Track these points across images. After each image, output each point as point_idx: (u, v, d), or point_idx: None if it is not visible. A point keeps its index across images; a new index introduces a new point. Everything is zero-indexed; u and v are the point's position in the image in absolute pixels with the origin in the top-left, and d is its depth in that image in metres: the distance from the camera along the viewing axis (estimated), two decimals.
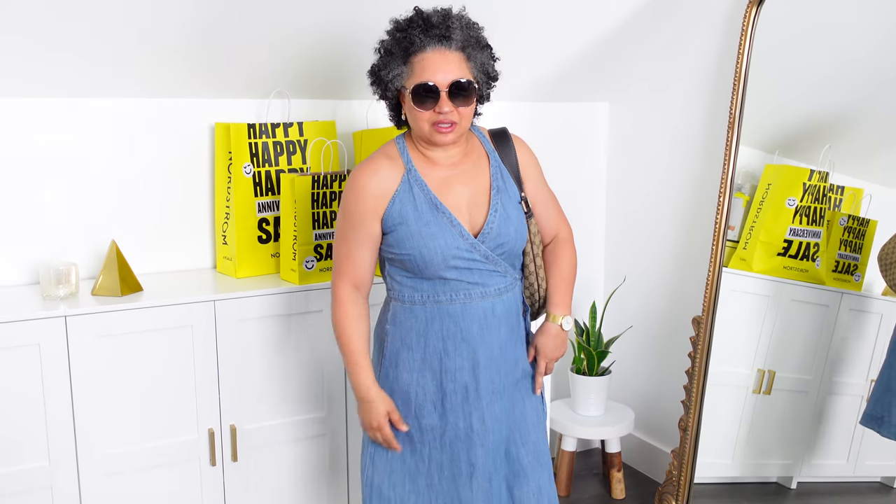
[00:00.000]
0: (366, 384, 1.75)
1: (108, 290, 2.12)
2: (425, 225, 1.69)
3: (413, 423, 1.77)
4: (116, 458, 2.08)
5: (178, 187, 2.42)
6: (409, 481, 1.78)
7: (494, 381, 1.77)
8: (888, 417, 2.36)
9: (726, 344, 2.69)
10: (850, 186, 2.56)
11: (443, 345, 1.74)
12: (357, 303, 1.78)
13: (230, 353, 2.18)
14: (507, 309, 1.78)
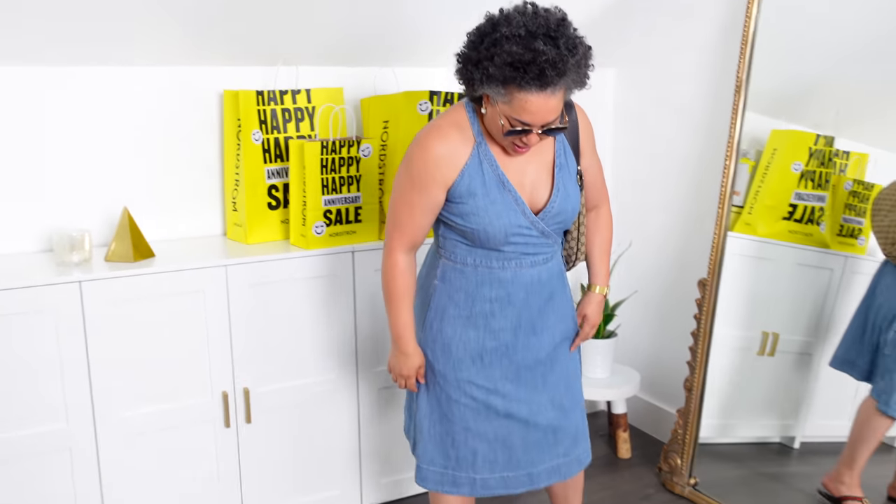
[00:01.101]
0: (406, 338, 1.83)
1: (121, 257, 2.15)
2: (492, 203, 1.71)
3: (451, 373, 1.85)
4: (133, 420, 2.12)
5: (188, 155, 2.44)
6: (447, 423, 1.88)
7: (531, 342, 1.86)
8: (860, 362, 2.42)
9: (731, 307, 2.72)
10: (855, 151, 2.57)
11: (490, 306, 1.81)
12: (410, 261, 1.83)
13: (242, 318, 2.21)
14: (550, 275, 1.86)
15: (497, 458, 1.89)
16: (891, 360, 2.34)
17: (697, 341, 2.68)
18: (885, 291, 2.36)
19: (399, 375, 1.88)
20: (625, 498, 2.71)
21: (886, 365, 2.35)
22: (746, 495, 2.63)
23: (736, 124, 2.56)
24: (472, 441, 1.87)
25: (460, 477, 1.90)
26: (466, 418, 1.86)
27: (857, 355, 2.46)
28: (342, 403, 2.41)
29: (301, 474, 2.41)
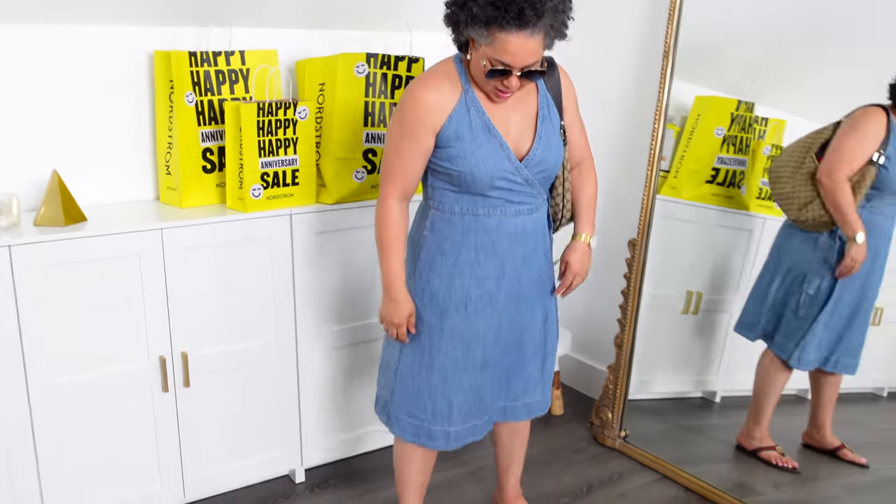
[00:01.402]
0: (397, 285, 1.90)
1: (52, 221, 2.09)
2: (479, 146, 1.80)
3: (436, 322, 1.91)
4: (67, 387, 2.09)
5: (118, 118, 2.37)
6: (426, 374, 1.94)
7: (514, 289, 1.94)
8: (757, 324, 2.57)
9: (659, 268, 2.82)
10: (773, 118, 2.69)
11: (475, 254, 1.89)
12: (403, 210, 1.91)
13: (179, 282, 2.19)
14: (535, 227, 1.94)
15: (470, 409, 1.97)
16: (803, 321, 2.47)
17: (627, 299, 2.78)
18: (794, 254, 2.48)
19: (390, 324, 1.93)
20: (558, 452, 2.81)
21: (798, 325, 2.48)
22: (672, 446, 2.76)
23: (664, 89, 2.65)
24: (449, 392, 1.94)
25: (435, 431, 1.96)
26: (447, 368, 1.93)
27: (758, 318, 2.59)
28: (281, 366, 2.42)
29: (241, 437, 2.41)
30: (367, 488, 2.55)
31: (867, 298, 2.41)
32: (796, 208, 2.38)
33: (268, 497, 2.48)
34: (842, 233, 2.35)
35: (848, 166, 2.28)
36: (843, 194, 2.29)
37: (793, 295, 2.48)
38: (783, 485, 2.53)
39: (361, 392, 2.61)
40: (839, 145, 2.31)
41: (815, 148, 2.36)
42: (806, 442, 2.60)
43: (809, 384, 2.57)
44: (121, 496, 2.24)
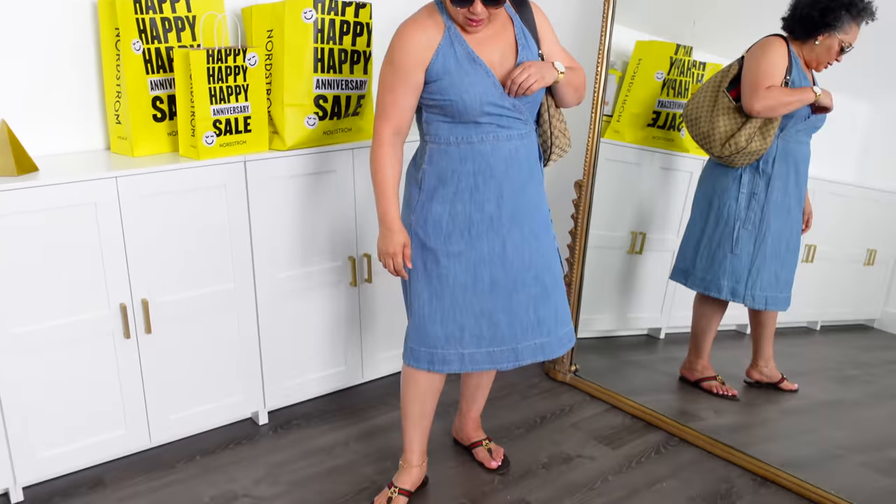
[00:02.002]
0: (391, 216, 1.99)
1: (3, 171, 2.08)
2: (465, 75, 1.90)
3: (442, 248, 2.01)
4: (27, 336, 2.10)
5: (64, 67, 2.35)
6: (436, 301, 2.03)
7: (515, 213, 2.02)
8: (692, 269, 2.68)
9: (604, 210, 2.92)
10: (711, 62, 2.78)
11: (473, 180, 1.98)
12: (396, 145, 1.98)
13: (135, 230, 2.21)
14: (527, 152, 2.03)
15: (483, 334, 2.05)
16: (742, 259, 2.58)
17: (575, 239, 2.88)
18: (722, 195, 2.56)
19: (385, 254, 2.01)
20: (513, 387, 2.93)
21: (740, 264, 2.59)
22: (620, 380, 2.89)
23: (606, 32, 2.72)
24: (459, 316, 2.02)
25: (449, 354, 2.05)
26: (455, 293, 2.01)
27: (692, 263, 2.67)
28: (241, 311, 2.47)
29: (204, 381, 2.46)
30: (329, 427, 2.63)
31: (795, 226, 2.53)
32: (719, 145, 2.46)
33: (232, 439, 2.54)
34: (763, 166, 2.46)
35: (766, 86, 2.36)
36: (776, 97, 2.35)
37: (726, 236, 2.58)
38: (723, 411, 2.68)
39: (319, 335, 2.67)
40: (753, 73, 2.38)
41: (726, 84, 2.46)
42: (753, 378, 2.71)
43: (749, 321, 2.69)
44: (87, 441, 2.28)
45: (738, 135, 2.40)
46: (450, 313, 2.03)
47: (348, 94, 2.52)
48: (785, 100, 2.36)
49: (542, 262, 2.08)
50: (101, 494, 2.26)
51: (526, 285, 2.06)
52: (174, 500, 2.24)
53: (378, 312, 2.79)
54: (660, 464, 2.44)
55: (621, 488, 2.31)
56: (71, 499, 2.24)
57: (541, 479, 2.35)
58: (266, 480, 2.33)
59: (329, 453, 2.48)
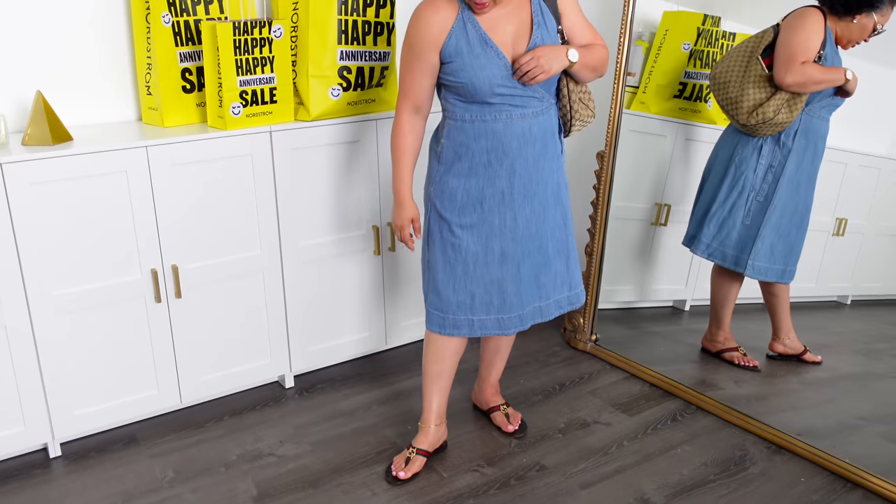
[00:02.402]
0: (403, 191, 2.10)
1: (39, 140, 2.17)
2: (476, 58, 1.95)
3: (456, 220, 2.08)
4: (64, 299, 2.20)
5: (96, 40, 2.43)
6: (449, 269, 2.11)
7: (527, 188, 2.08)
8: (699, 236, 2.69)
9: (629, 181, 2.93)
10: (740, 32, 2.76)
11: (486, 157, 2.04)
12: (415, 123, 2.08)
13: (166, 198, 2.29)
14: (542, 129, 2.06)
15: (492, 301, 2.12)
16: (751, 229, 2.59)
17: (597, 210, 2.90)
18: (742, 164, 2.56)
19: (395, 226, 2.14)
20: (534, 355, 2.97)
21: (748, 234, 2.60)
22: (641, 350, 2.92)
23: (629, 3, 2.72)
24: (470, 285, 2.11)
25: (459, 319, 2.14)
26: (467, 262, 2.09)
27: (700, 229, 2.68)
28: (268, 277, 2.54)
29: (232, 345, 2.55)
30: (353, 391, 2.70)
31: (802, 201, 2.53)
32: (745, 113, 2.46)
33: (259, 401, 2.64)
34: (784, 139, 2.46)
35: (801, 61, 2.35)
36: (810, 74, 2.34)
37: (739, 205, 2.59)
38: (743, 381, 2.70)
39: (344, 302, 2.74)
40: (790, 46, 2.36)
41: (759, 51, 2.44)
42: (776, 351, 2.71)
43: (761, 292, 2.69)
44: (121, 399, 2.38)
45: (767, 105, 2.40)
46: (461, 282, 2.10)
47: (372, 66, 2.56)
48: (817, 77, 2.35)
49: (546, 232, 2.14)
50: (135, 450, 2.37)
51: (531, 255, 2.13)
52: (203, 456, 2.34)
53: (401, 280, 2.85)
54: (675, 431, 2.48)
55: (635, 453, 2.36)
56: (106, 454, 2.35)
57: (557, 444, 2.40)
58: (290, 440, 2.42)
59: (352, 416, 2.56)
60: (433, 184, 2.12)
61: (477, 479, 2.24)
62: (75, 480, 2.23)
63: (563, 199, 2.18)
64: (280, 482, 2.22)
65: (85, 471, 2.27)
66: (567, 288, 2.23)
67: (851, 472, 2.23)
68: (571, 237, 2.23)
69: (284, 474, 2.26)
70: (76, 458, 2.33)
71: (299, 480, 2.23)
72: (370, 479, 2.23)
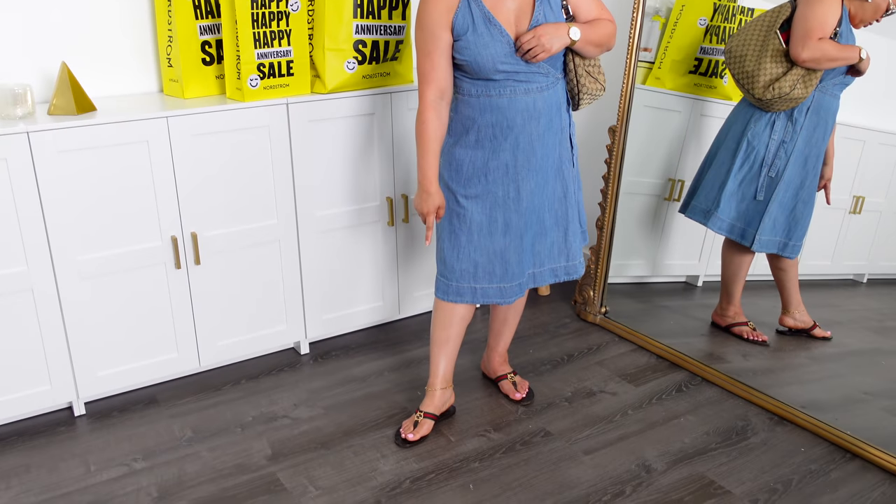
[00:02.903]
0: (430, 178, 2.11)
1: (64, 110, 2.24)
2: (479, 36, 2.00)
3: (461, 190, 2.15)
4: (88, 264, 2.29)
5: (118, 12, 2.50)
6: (454, 238, 2.19)
7: (531, 161, 2.13)
8: (715, 210, 2.70)
9: (642, 156, 2.96)
10: (759, 8, 2.75)
11: (492, 130, 2.09)
12: (439, 109, 2.10)
13: (186, 167, 2.36)
14: (547, 104, 2.10)
15: (495, 271, 2.19)
16: (761, 204, 2.61)
17: (608, 184, 2.94)
18: (755, 139, 2.58)
19: (420, 212, 2.16)
20: (544, 327, 3.03)
21: (757, 208, 2.63)
22: (650, 323, 2.96)
23: None
24: (473, 254, 2.17)
25: (463, 287, 2.21)
26: (472, 232, 2.16)
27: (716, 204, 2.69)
28: (284, 246, 2.61)
29: (249, 311, 2.63)
30: (365, 359, 2.78)
31: (809, 176, 2.55)
32: (762, 87, 2.47)
33: (275, 367, 2.72)
34: (797, 115, 2.47)
35: (818, 37, 2.36)
36: (826, 50, 2.36)
37: (752, 180, 2.61)
38: (751, 355, 2.74)
39: (358, 271, 2.81)
40: (808, 21, 2.37)
41: (777, 26, 2.45)
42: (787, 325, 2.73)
43: (769, 267, 2.72)
44: (142, 362, 2.48)
45: (783, 80, 2.41)
46: (465, 251, 2.17)
47: (387, 40, 2.60)
48: (833, 54, 2.36)
49: (544, 203, 2.19)
50: (155, 410, 2.46)
51: (531, 226, 2.19)
52: (220, 417, 2.43)
53: (415, 251, 2.91)
54: (680, 401, 2.53)
55: (639, 422, 2.41)
56: (127, 413, 2.45)
57: (562, 412, 2.46)
58: (304, 404, 2.50)
59: (364, 381, 2.63)
60: (442, 155, 2.17)
61: (483, 443, 2.31)
62: (98, 438, 2.33)
63: (566, 173, 2.22)
64: (293, 443, 2.30)
65: (107, 429, 2.37)
66: (564, 258, 2.28)
67: (852, 443, 2.27)
68: (573, 210, 2.27)
69: (298, 435, 2.34)
70: (99, 416, 2.43)
71: (312, 441, 2.31)
72: (380, 442, 2.31)
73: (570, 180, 2.25)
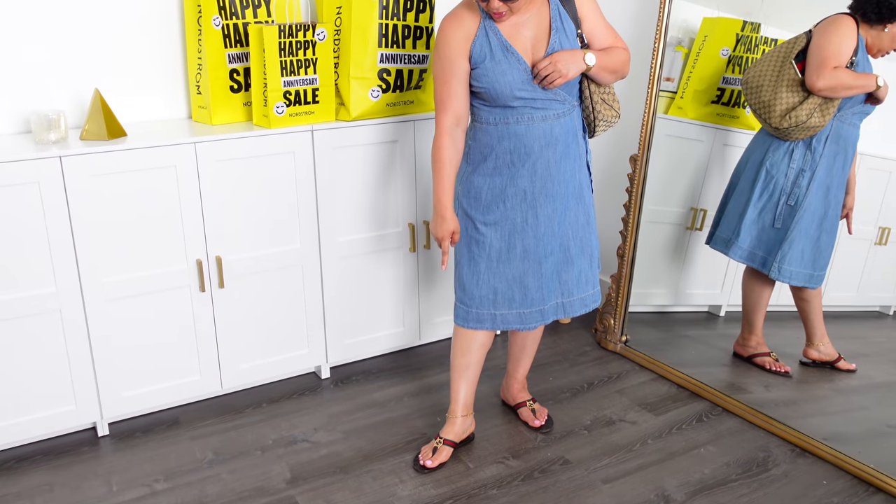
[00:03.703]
0: (445, 203, 2.14)
1: (96, 135, 2.30)
2: (497, 64, 2.04)
3: (480, 217, 2.17)
4: (115, 286, 2.33)
5: (150, 41, 2.56)
6: (473, 264, 2.21)
7: (548, 188, 2.15)
8: (735, 239, 2.70)
9: (664, 185, 2.96)
10: (781, 39, 2.77)
11: (509, 157, 2.12)
12: (455, 135, 2.13)
13: (212, 192, 2.40)
14: (564, 130, 2.13)
15: (514, 297, 2.21)
16: (780, 233, 2.61)
17: (629, 212, 2.95)
18: (774, 168, 2.58)
19: (436, 237, 2.19)
20: (564, 355, 3.03)
21: (776, 237, 2.62)
22: (671, 352, 2.95)
23: (664, 8, 2.76)
24: (493, 280, 2.19)
25: (482, 314, 2.22)
26: (490, 258, 2.18)
27: (737, 233, 2.69)
28: (307, 271, 2.64)
29: (271, 335, 2.65)
30: (386, 384, 2.79)
31: (832, 206, 2.54)
32: (778, 116, 2.48)
33: (296, 391, 2.74)
34: (815, 144, 2.48)
35: (833, 65, 2.37)
36: (841, 79, 2.36)
37: (770, 208, 2.61)
38: (773, 386, 2.71)
39: (380, 297, 2.83)
40: (822, 51, 2.38)
41: (793, 55, 2.46)
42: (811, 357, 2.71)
43: (792, 297, 2.69)
44: (165, 384, 2.51)
45: (800, 109, 2.42)
46: (485, 277, 2.18)
47: (411, 68, 2.65)
48: (848, 83, 2.37)
49: (568, 232, 2.20)
50: (177, 432, 2.49)
51: (553, 253, 2.19)
52: (241, 440, 2.45)
53: (435, 277, 2.93)
54: (700, 431, 2.51)
55: (658, 451, 2.40)
56: (150, 434, 2.47)
57: (581, 440, 2.45)
58: (324, 428, 2.52)
59: (384, 407, 2.64)
60: (460, 183, 2.20)
61: (502, 470, 2.30)
62: (121, 458, 2.36)
63: (586, 199, 2.24)
64: (313, 467, 2.32)
65: (130, 449, 2.40)
66: (591, 286, 2.29)
67: (875, 476, 2.24)
68: (595, 237, 2.29)
69: (317, 459, 2.35)
70: (122, 437, 2.46)
71: (331, 466, 2.32)
72: (399, 467, 2.31)
73: (591, 206, 2.26)
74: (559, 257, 2.22)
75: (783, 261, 2.59)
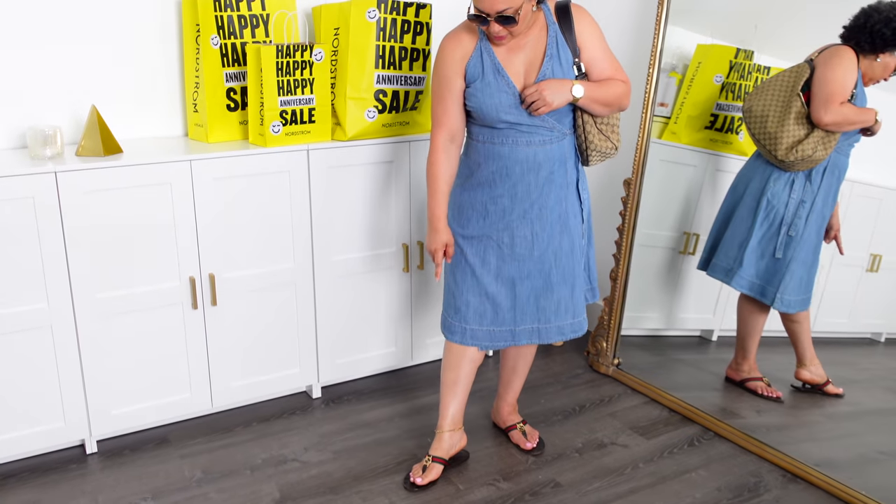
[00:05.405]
0: (437, 216, 2.20)
1: (91, 151, 2.31)
2: (487, 85, 2.08)
3: (461, 231, 2.22)
4: (107, 302, 2.32)
5: (148, 59, 2.58)
6: (451, 276, 2.27)
7: (527, 212, 2.17)
8: (737, 268, 2.70)
9: (658, 209, 2.98)
10: (775, 67, 2.80)
11: (492, 176, 2.16)
12: (450, 151, 2.19)
13: (206, 209, 2.40)
14: (549, 157, 2.14)
15: (485, 313, 2.22)
16: (780, 263, 2.62)
17: (622, 235, 2.96)
18: (775, 198, 2.59)
19: (429, 249, 2.23)
20: (557, 377, 3.02)
21: (776, 267, 2.63)
22: (663, 375, 2.95)
23: (659, 34, 2.79)
24: (466, 293, 2.22)
25: (454, 325, 2.25)
26: (465, 272, 2.21)
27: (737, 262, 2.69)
28: (300, 290, 2.64)
29: (263, 354, 2.65)
30: (377, 404, 2.78)
31: (822, 234, 2.56)
32: (784, 149, 2.49)
33: (287, 409, 2.73)
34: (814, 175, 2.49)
35: (840, 101, 2.39)
36: (847, 115, 2.39)
37: (770, 238, 2.61)
38: (765, 411, 2.71)
39: (372, 316, 2.83)
40: (829, 86, 2.40)
41: (799, 87, 2.48)
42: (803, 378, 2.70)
43: (781, 320, 2.70)
44: (155, 402, 2.49)
45: (805, 142, 2.44)
46: (459, 289, 2.22)
47: (407, 90, 2.66)
48: (853, 118, 2.40)
49: (550, 259, 2.21)
50: (166, 450, 2.47)
51: (531, 277, 2.21)
52: (230, 459, 2.43)
53: (428, 298, 2.93)
54: (692, 455, 2.51)
55: (650, 475, 2.39)
56: (139, 453, 2.46)
57: (573, 463, 2.45)
58: (315, 448, 2.50)
59: (374, 427, 2.63)
60: (450, 198, 2.24)
61: (492, 492, 2.29)
62: (109, 476, 2.34)
63: (571, 227, 2.22)
64: (302, 486, 2.30)
65: (118, 467, 2.38)
66: (571, 315, 2.27)
67: (866, 503, 2.24)
68: (580, 265, 2.27)
69: (307, 479, 2.34)
70: (111, 455, 2.44)
71: (321, 486, 2.31)
72: (389, 488, 2.30)
73: (578, 235, 2.25)
74: (538, 283, 2.22)
75: (784, 291, 2.60)
